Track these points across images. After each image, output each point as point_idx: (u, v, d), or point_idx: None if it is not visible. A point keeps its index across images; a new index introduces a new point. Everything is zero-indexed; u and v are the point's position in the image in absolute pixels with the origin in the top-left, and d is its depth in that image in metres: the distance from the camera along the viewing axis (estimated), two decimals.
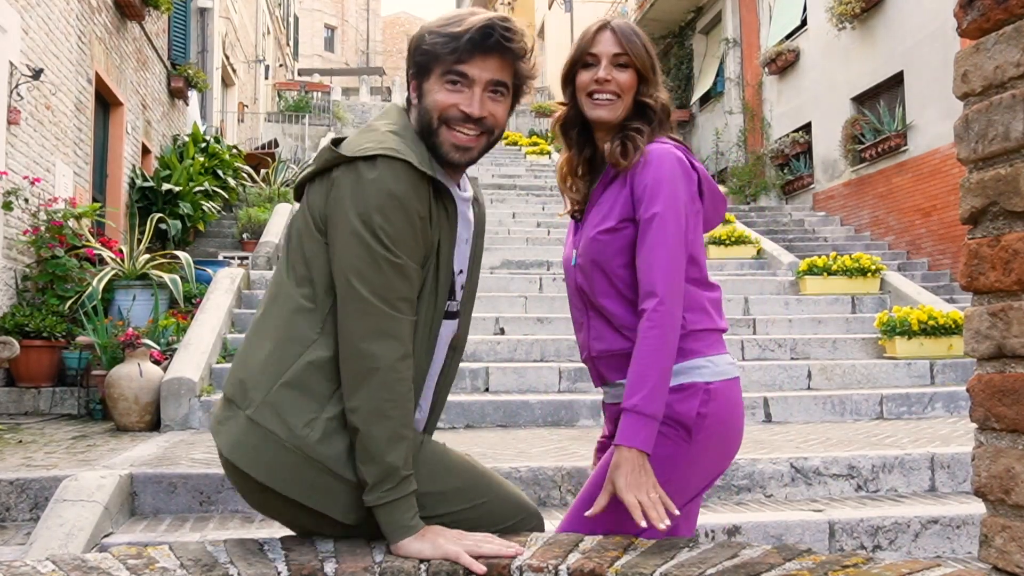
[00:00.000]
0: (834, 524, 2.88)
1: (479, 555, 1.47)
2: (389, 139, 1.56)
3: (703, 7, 16.32)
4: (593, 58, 1.78)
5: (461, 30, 1.59)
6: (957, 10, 1.06)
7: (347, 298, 1.52)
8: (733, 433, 1.74)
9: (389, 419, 1.49)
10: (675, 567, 1.40)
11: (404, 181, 1.51)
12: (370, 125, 1.67)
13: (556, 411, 4.71)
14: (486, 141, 1.67)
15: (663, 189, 1.67)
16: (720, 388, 1.69)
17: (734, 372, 1.75)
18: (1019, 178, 0.96)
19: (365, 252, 1.50)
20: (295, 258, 1.61)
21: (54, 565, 1.42)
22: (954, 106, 8.37)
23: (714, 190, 1.81)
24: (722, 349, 1.76)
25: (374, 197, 1.50)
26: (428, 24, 1.67)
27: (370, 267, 1.50)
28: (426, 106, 1.63)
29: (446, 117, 1.62)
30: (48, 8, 6.49)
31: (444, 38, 1.59)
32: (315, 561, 1.46)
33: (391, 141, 1.55)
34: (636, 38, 1.79)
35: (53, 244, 5.98)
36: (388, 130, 1.60)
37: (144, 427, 4.54)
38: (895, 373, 5.67)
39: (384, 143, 1.54)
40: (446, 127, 1.62)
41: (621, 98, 1.77)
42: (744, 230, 9.43)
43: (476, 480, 1.70)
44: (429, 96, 1.63)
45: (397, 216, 1.51)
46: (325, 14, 44.85)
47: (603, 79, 1.76)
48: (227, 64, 16.22)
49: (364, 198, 1.50)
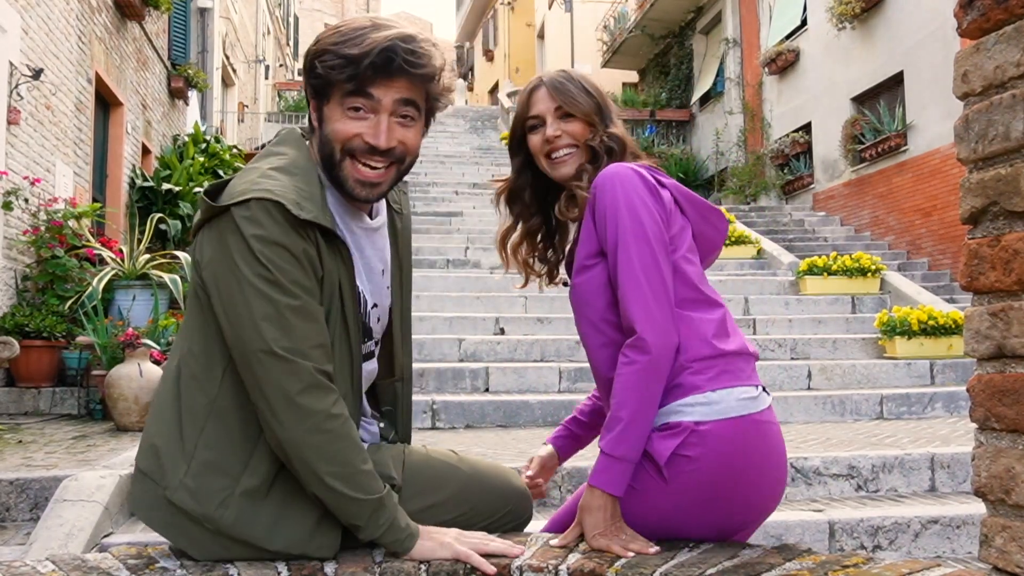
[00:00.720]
0: (834, 524, 2.88)
1: (486, 554, 1.48)
2: (266, 180, 1.42)
3: (703, 7, 16.32)
4: (536, 119, 1.73)
5: (359, 52, 1.42)
6: (957, 10, 1.06)
7: (256, 358, 1.37)
8: (744, 481, 1.53)
9: (348, 464, 1.40)
10: (675, 567, 1.40)
11: (282, 222, 1.38)
12: (258, 159, 1.53)
13: (556, 411, 4.71)
14: (396, 172, 1.53)
15: (618, 209, 1.54)
16: (715, 430, 1.49)
17: (748, 408, 1.53)
18: (1019, 178, 0.96)
19: (266, 304, 1.37)
20: (187, 318, 1.50)
21: (54, 565, 1.41)
22: (954, 106, 8.37)
23: (696, 201, 1.68)
24: (731, 381, 1.54)
25: (255, 242, 1.37)
26: (324, 37, 1.49)
27: (276, 320, 1.37)
28: (327, 135, 1.49)
29: (350, 148, 1.48)
30: (48, 8, 6.48)
31: (340, 60, 1.43)
32: (315, 561, 1.46)
33: (267, 182, 1.41)
34: (571, 84, 1.72)
35: (53, 244, 5.98)
36: (270, 167, 1.46)
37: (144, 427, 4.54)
38: (895, 373, 5.67)
39: (258, 184, 1.41)
40: (350, 159, 1.48)
41: (579, 147, 1.71)
42: (744, 230, 9.43)
43: (463, 483, 1.67)
44: (329, 124, 1.48)
45: (284, 258, 1.38)
46: (325, 14, 44.81)
47: (552, 136, 1.70)
48: (227, 64, 16.21)
49: (246, 246, 1.37)
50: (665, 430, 1.52)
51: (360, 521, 1.42)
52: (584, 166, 1.70)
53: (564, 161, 1.71)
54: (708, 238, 1.71)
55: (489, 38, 32.13)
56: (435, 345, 5.63)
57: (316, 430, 1.38)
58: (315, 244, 1.44)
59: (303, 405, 1.38)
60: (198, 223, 1.48)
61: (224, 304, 1.40)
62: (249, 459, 1.44)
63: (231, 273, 1.39)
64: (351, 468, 1.41)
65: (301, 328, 1.39)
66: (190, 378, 1.47)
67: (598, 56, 20.35)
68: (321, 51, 1.47)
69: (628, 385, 1.49)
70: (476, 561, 1.45)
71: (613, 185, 1.57)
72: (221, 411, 1.45)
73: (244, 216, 1.38)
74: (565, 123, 1.71)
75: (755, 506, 1.58)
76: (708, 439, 1.49)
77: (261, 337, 1.37)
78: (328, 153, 1.50)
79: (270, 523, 1.44)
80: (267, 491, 1.44)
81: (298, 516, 1.45)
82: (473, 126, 20.25)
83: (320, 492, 1.41)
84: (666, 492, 1.51)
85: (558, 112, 1.71)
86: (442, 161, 14.69)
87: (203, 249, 1.45)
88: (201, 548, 1.45)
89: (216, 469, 1.44)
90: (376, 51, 1.43)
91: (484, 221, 10.11)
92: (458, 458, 1.73)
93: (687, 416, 1.51)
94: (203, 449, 1.44)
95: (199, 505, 1.42)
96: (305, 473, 1.40)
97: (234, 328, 1.39)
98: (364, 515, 1.42)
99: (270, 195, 1.39)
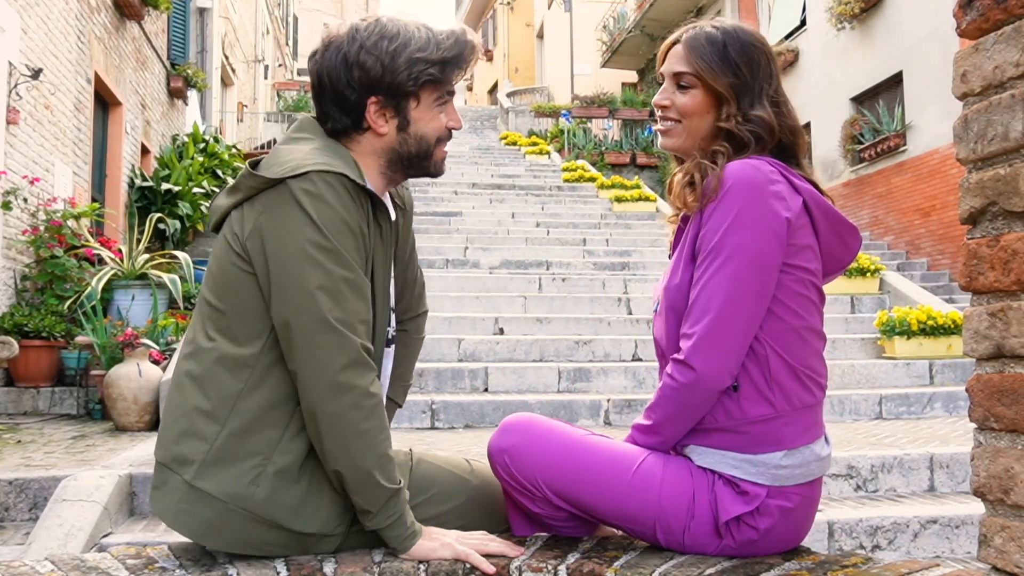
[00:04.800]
0: (833, 524, 2.88)
1: (486, 554, 1.48)
2: (317, 154, 1.46)
3: (703, 7, 16.32)
4: (661, 77, 1.56)
5: (455, 54, 1.53)
6: (956, 10, 1.06)
7: (309, 327, 1.39)
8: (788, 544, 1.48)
9: (377, 445, 1.42)
10: (675, 567, 1.40)
11: (343, 195, 1.43)
12: (287, 143, 1.54)
13: (555, 411, 4.70)
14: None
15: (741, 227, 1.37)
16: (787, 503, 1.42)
17: (822, 469, 1.46)
18: (1018, 178, 0.96)
19: (323, 275, 1.39)
20: (213, 301, 1.49)
21: (53, 565, 1.42)
22: (954, 106, 8.37)
23: (834, 216, 1.47)
24: (816, 432, 1.46)
25: (316, 213, 1.40)
26: (408, 49, 1.51)
27: (331, 290, 1.39)
28: (422, 133, 1.56)
29: (441, 137, 1.59)
30: (47, 8, 6.48)
31: (438, 65, 1.52)
32: (314, 561, 1.46)
33: (320, 155, 1.46)
34: (710, 48, 1.49)
35: (52, 244, 5.98)
36: (314, 146, 1.50)
37: (143, 427, 4.54)
38: (894, 373, 5.67)
39: (314, 159, 1.44)
40: (438, 145, 1.60)
41: (683, 123, 1.52)
42: None
43: (470, 495, 1.67)
44: (423, 123, 1.56)
45: (343, 232, 1.42)
46: (324, 14, 44.76)
47: (660, 104, 1.54)
48: (226, 64, 16.20)
49: (307, 216, 1.39)
50: (737, 489, 1.43)
51: (374, 507, 1.43)
52: (716, 150, 1.48)
53: (665, 132, 1.55)
54: (836, 257, 1.51)
55: (488, 38, 32.12)
56: (434, 345, 5.63)
57: (354, 406, 1.40)
58: (367, 217, 1.49)
59: (346, 379, 1.39)
60: (238, 200, 1.47)
61: (276, 273, 1.41)
62: (281, 438, 1.45)
63: (287, 242, 1.40)
64: (379, 450, 1.42)
65: (353, 302, 1.42)
66: (217, 358, 1.46)
67: (597, 56, 20.35)
68: (411, 60, 1.50)
69: (663, 399, 1.46)
70: (476, 561, 1.45)
71: (736, 198, 1.39)
72: (255, 388, 1.45)
73: (304, 188, 1.40)
74: (680, 93, 1.52)
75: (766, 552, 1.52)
76: (777, 513, 1.42)
77: (317, 306, 1.38)
78: (424, 148, 1.58)
79: (297, 503, 1.45)
80: (298, 471, 1.45)
81: (321, 498, 1.47)
82: (472, 126, 20.25)
83: (345, 469, 1.41)
84: (712, 542, 1.45)
85: (677, 78, 1.52)
86: None
87: (245, 222, 1.45)
88: (216, 534, 1.44)
89: (246, 447, 1.44)
90: (468, 48, 1.55)
91: (483, 221, 10.11)
92: (470, 469, 1.70)
93: (764, 478, 1.42)
94: (232, 427, 1.44)
95: (227, 484, 1.42)
96: (335, 448, 1.40)
97: (286, 297, 1.40)
98: (379, 502, 1.43)
99: (330, 167, 1.43)
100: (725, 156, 1.47)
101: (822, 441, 1.48)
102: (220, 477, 1.43)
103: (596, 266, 8.20)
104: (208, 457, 1.43)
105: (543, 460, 1.48)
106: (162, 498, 1.47)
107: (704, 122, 1.51)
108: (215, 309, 1.49)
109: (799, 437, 1.44)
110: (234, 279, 1.47)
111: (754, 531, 1.43)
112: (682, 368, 1.41)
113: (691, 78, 1.50)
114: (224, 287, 1.48)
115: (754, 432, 1.42)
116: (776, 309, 1.42)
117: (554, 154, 15.97)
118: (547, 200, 11.66)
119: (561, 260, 8.19)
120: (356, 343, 1.41)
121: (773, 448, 1.42)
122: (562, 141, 16.77)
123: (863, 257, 7.80)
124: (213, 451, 1.43)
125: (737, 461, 1.43)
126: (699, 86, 1.50)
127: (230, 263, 1.47)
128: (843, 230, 1.49)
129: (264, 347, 1.45)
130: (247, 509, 1.42)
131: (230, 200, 1.50)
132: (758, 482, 1.42)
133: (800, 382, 1.44)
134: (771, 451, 1.42)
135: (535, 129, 18.66)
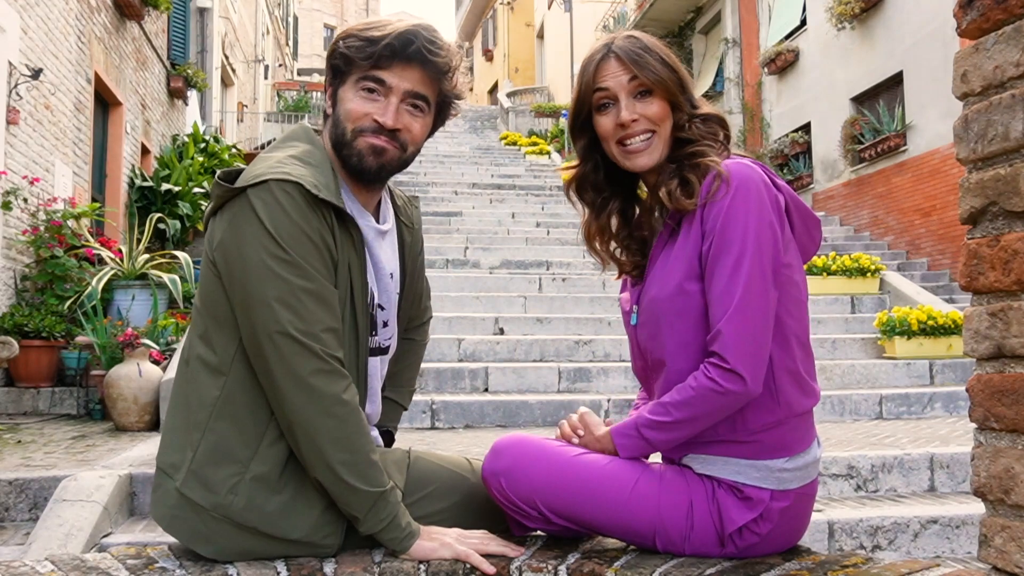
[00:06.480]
0: (833, 524, 2.87)
1: (486, 554, 1.48)
2: (283, 164, 1.45)
3: (703, 7, 16.32)
4: (606, 95, 1.48)
5: (380, 35, 1.48)
6: (956, 10, 1.06)
7: (269, 339, 1.38)
8: (787, 543, 1.49)
9: (355, 451, 1.41)
10: (674, 567, 1.40)
11: (301, 204, 1.40)
12: (271, 150, 1.55)
13: (556, 411, 4.70)
14: (399, 155, 1.54)
15: (747, 229, 1.35)
16: (787, 505, 1.42)
17: (815, 472, 1.46)
18: (1018, 178, 0.96)
19: (281, 286, 1.38)
20: (199, 307, 1.50)
21: (53, 565, 1.42)
22: (954, 106, 8.37)
23: (805, 211, 1.48)
24: (812, 435, 1.47)
25: (272, 223, 1.38)
26: (349, 27, 1.56)
27: (289, 302, 1.38)
28: (339, 115, 1.53)
29: (359, 128, 1.51)
30: (47, 8, 6.48)
31: (362, 42, 1.49)
32: (314, 561, 1.46)
33: (284, 167, 1.44)
34: (648, 55, 1.46)
35: (52, 244, 5.98)
36: (286, 155, 1.49)
37: (143, 427, 4.54)
38: (894, 373, 5.67)
39: (278, 168, 1.43)
40: (361, 137, 1.51)
41: (657, 132, 1.47)
42: None
43: (469, 493, 1.66)
44: (343, 104, 1.52)
45: (300, 240, 1.40)
46: (324, 14, 44.79)
47: (628, 120, 1.45)
48: (226, 64, 16.21)
49: (263, 227, 1.38)
50: (740, 495, 1.42)
51: (360, 513, 1.42)
52: (697, 151, 1.45)
53: (640, 150, 1.46)
54: (804, 249, 1.51)
55: (488, 38, 32.13)
56: (434, 345, 5.62)
57: (325, 413, 1.39)
58: (331, 229, 1.46)
59: (314, 387, 1.38)
60: (211, 209, 1.49)
61: (237, 284, 1.41)
62: (259, 445, 1.44)
63: (246, 253, 1.40)
64: (358, 456, 1.41)
65: (314, 311, 1.40)
66: (199, 364, 1.47)
67: None
68: (345, 35, 1.53)
69: (698, 400, 1.37)
70: (476, 561, 1.45)
71: (747, 195, 1.36)
72: (230, 396, 1.45)
73: (261, 197, 1.40)
74: (642, 103, 1.46)
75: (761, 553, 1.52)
76: (777, 515, 1.42)
77: (275, 318, 1.38)
78: (340, 132, 1.53)
79: (280, 511, 1.44)
80: (278, 478, 1.45)
81: (308, 505, 1.46)
82: (472, 126, 20.26)
83: (324, 478, 1.41)
84: (714, 550, 1.44)
85: (634, 88, 1.46)
86: (441, 161, 14.70)
87: (215, 232, 1.46)
88: (206, 542, 1.45)
89: (225, 455, 1.43)
90: (397, 33, 1.48)
91: (483, 221, 10.11)
92: (470, 467, 1.70)
93: (768, 482, 1.42)
94: (211, 435, 1.44)
95: (209, 493, 1.42)
96: (311, 456, 1.40)
97: (247, 309, 1.40)
98: (365, 507, 1.42)
99: (288, 176, 1.41)
100: (716, 152, 1.46)
101: (815, 442, 1.49)
102: (203, 485, 1.43)
103: (596, 266, 8.16)
104: (193, 464, 1.44)
105: (540, 482, 1.46)
106: (158, 502, 1.49)
107: (666, 129, 1.48)
108: (200, 314, 1.50)
109: (801, 441, 1.45)
110: (210, 287, 1.48)
111: (756, 536, 1.43)
112: (729, 376, 1.35)
113: (648, 85, 1.46)
114: (205, 294, 1.49)
115: (762, 441, 1.42)
116: (778, 313, 1.41)
117: (554, 154, 15.97)
118: (547, 200, 11.66)
119: (561, 260, 8.19)
120: (319, 351, 1.39)
121: (779, 454, 1.43)
122: (562, 141, 16.78)
123: (863, 257, 7.79)
124: (196, 458, 1.44)
125: (741, 466, 1.43)
126: (656, 92, 1.46)
127: (207, 270, 1.48)
128: (811, 223, 1.50)
129: (236, 355, 1.45)
130: (228, 517, 1.43)
131: (209, 209, 1.52)
132: (762, 486, 1.42)
133: (800, 387, 1.44)
134: (777, 457, 1.43)
135: (535, 129, 18.67)
